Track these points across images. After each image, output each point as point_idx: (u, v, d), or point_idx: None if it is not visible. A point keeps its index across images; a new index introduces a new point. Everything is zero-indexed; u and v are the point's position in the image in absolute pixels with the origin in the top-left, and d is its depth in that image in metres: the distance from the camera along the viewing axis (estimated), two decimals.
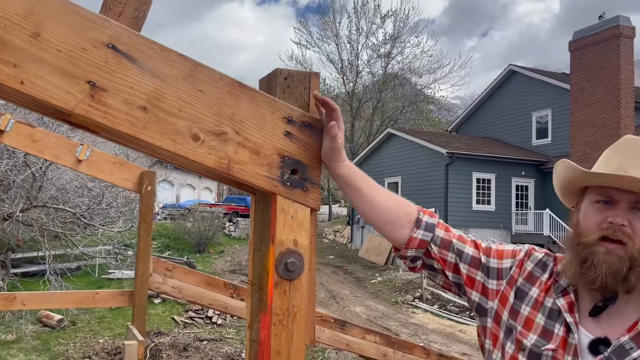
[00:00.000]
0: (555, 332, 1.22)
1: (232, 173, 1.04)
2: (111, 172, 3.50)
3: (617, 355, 1.14)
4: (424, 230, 1.37)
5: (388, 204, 1.37)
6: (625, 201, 1.18)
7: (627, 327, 1.16)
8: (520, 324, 1.27)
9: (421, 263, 1.41)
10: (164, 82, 0.98)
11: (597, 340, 1.16)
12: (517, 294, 1.31)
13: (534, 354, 1.22)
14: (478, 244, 1.40)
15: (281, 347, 1.07)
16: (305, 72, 1.17)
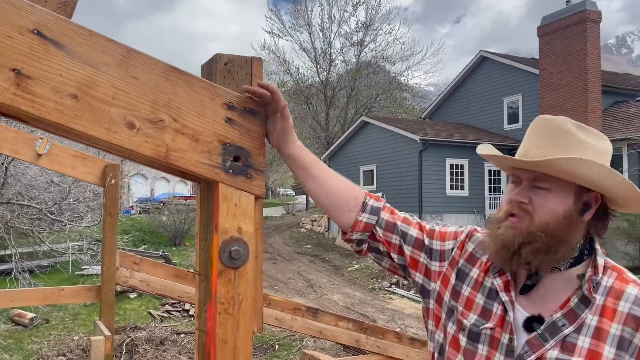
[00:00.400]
0: (494, 311, 1.24)
1: (171, 161, 1.02)
2: (73, 165, 3.42)
3: (550, 332, 1.16)
4: (369, 213, 1.39)
5: (338, 187, 1.39)
6: (526, 179, 1.22)
7: (559, 304, 1.18)
8: (462, 305, 1.29)
9: (367, 246, 1.42)
10: (95, 69, 0.95)
11: (531, 318, 1.18)
12: (458, 274, 1.33)
13: (473, 333, 1.24)
14: (422, 226, 1.42)
15: (227, 335, 1.06)
16: (247, 57, 1.15)
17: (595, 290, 1.16)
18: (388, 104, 32.83)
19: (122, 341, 8.83)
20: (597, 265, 1.19)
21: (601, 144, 1.23)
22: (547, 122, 1.24)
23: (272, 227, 27.89)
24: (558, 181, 1.19)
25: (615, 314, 1.13)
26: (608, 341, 1.11)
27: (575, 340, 1.13)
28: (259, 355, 8.43)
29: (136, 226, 21.69)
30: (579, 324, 1.14)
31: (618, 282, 1.17)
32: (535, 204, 1.20)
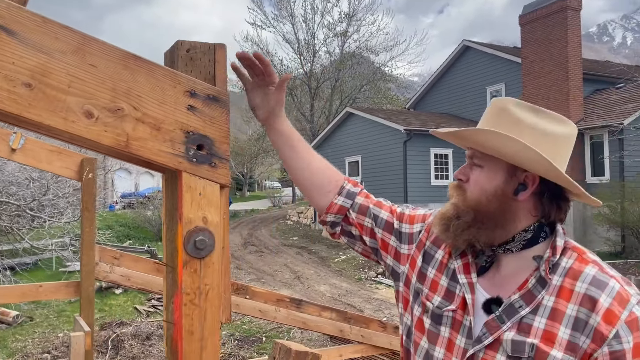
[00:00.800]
0: (457, 294, 1.24)
1: (132, 151, 1.00)
2: (49, 160, 3.37)
3: (507, 313, 1.15)
4: (344, 197, 1.41)
5: (322, 168, 1.42)
6: (467, 156, 1.25)
7: (518, 286, 1.18)
8: (427, 287, 1.30)
9: (340, 229, 1.44)
10: (50, 56, 0.92)
11: (490, 300, 1.18)
12: (425, 257, 1.33)
13: (435, 315, 1.25)
14: (393, 210, 1.43)
15: (194, 326, 1.04)
16: (210, 44, 1.13)
17: (553, 271, 1.15)
18: (372, 95, 32.85)
19: (108, 337, 8.78)
20: (556, 246, 1.18)
21: (554, 127, 1.20)
22: (494, 103, 1.24)
23: (258, 220, 27.84)
24: (490, 158, 1.19)
25: (572, 295, 1.12)
26: (563, 322, 1.10)
27: (531, 321, 1.13)
28: (246, 348, 8.44)
29: (120, 221, 21.52)
30: (535, 305, 1.13)
31: (577, 263, 1.16)
32: (470, 181, 1.22)
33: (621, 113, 15.91)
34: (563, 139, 1.20)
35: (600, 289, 1.11)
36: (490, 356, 1.14)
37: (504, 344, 1.13)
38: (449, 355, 1.21)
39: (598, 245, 15.35)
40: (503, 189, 1.18)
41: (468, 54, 22.97)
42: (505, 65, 20.89)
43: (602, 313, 1.08)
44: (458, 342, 1.20)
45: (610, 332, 1.06)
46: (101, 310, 10.71)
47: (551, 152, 1.16)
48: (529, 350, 1.10)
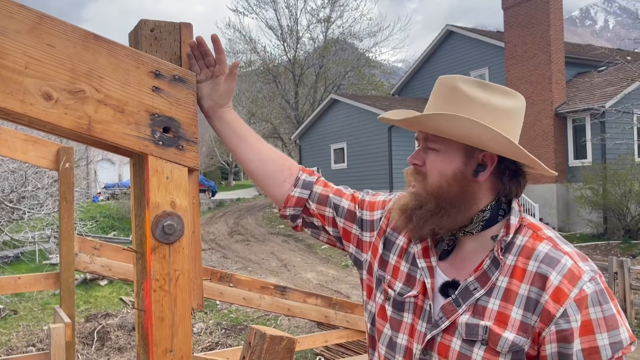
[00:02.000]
0: (417, 278, 1.22)
1: (95, 134, 0.97)
2: (24, 150, 3.29)
3: (463, 296, 1.13)
4: (301, 188, 1.37)
5: (272, 156, 1.37)
6: (421, 140, 1.20)
7: (474, 268, 1.15)
8: (389, 273, 1.27)
9: (302, 221, 1.41)
10: (4, 36, 0.88)
11: (447, 284, 1.16)
12: (386, 243, 1.31)
13: (397, 302, 1.23)
14: (355, 197, 1.40)
15: (164, 313, 1.02)
16: (175, 23, 1.09)
17: (508, 250, 1.12)
18: (357, 81, 32.76)
19: (94, 329, 8.73)
20: (510, 224, 1.14)
21: (504, 101, 1.15)
22: (440, 82, 1.20)
23: (244, 209, 27.76)
24: (445, 141, 1.15)
25: (525, 274, 1.09)
26: (516, 302, 1.07)
27: (486, 303, 1.10)
28: (233, 336, 8.44)
29: (104, 212, 21.32)
30: (489, 287, 1.11)
31: (531, 241, 1.12)
32: (427, 166, 1.17)
33: (603, 96, 16.06)
34: (514, 112, 1.17)
35: (552, 266, 1.07)
36: (447, 340, 1.13)
37: (459, 327, 1.11)
38: (410, 341, 1.19)
39: (581, 227, 15.57)
40: (462, 171, 1.14)
41: (452, 39, 22.97)
42: (488, 49, 20.93)
43: (551, 291, 1.05)
44: (419, 327, 1.18)
45: (557, 311, 1.04)
46: (86, 302, 10.63)
47: (505, 127, 1.13)
48: (482, 332, 1.08)
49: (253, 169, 1.37)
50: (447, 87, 1.17)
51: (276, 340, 1.15)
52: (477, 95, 1.14)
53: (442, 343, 1.13)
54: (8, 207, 9.52)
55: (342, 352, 6.57)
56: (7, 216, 10.20)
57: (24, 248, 12.30)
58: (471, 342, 1.09)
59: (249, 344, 1.18)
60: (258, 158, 1.35)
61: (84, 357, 7.58)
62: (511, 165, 1.16)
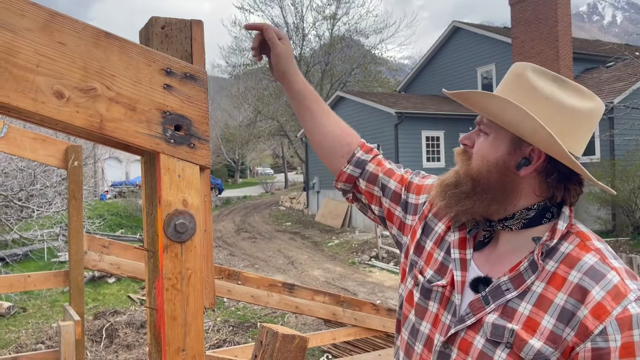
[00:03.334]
0: (450, 268, 1.19)
1: (107, 132, 0.96)
2: (33, 149, 3.31)
3: (493, 295, 1.09)
4: (353, 166, 1.39)
5: (335, 131, 1.39)
6: (477, 122, 1.17)
7: (510, 267, 1.10)
8: (423, 259, 1.25)
9: (352, 196, 1.43)
10: (15, 34, 0.88)
11: (479, 279, 1.13)
12: (424, 229, 1.29)
13: (425, 289, 1.21)
14: (404, 179, 1.39)
15: (176, 312, 1.02)
16: (186, 20, 1.09)
17: (550, 256, 1.07)
18: (363, 78, 32.70)
19: (102, 326, 8.77)
20: (556, 229, 1.08)
21: (575, 100, 1.08)
22: (513, 68, 1.15)
23: (251, 206, 27.81)
24: (496, 126, 1.11)
25: (564, 283, 1.03)
26: (549, 311, 1.02)
27: (516, 306, 1.06)
28: (240, 334, 8.46)
29: (112, 210, 21.42)
30: (523, 290, 1.07)
31: (577, 250, 1.07)
32: (474, 148, 1.15)
33: (611, 92, 15.94)
34: (582, 115, 1.08)
35: (595, 280, 1.01)
36: (471, 337, 1.10)
37: (485, 326, 1.08)
38: (433, 331, 1.17)
39: (589, 224, 15.47)
40: (505, 160, 1.10)
41: (458, 35, 22.87)
42: (495, 45, 20.83)
43: (592, 306, 0.99)
44: (443, 318, 1.15)
45: (596, 328, 0.98)
46: (95, 299, 10.69)
47: (566, 127, 1.06)
48: (508, 335, 1.04)
49: (315, 141, 1.41)
50: (515, 73, 1.12)
51: (288, 339, 1.14)
52: (543, 87, 1.08)
53: (464, 339, 1.10)
54: (17, 205, 9.58)
55: (350, 349, 6.57)
56: (16, 214, 10.27)
57: (33, 246, 12.38)
58: (495, 343, 1.06)
59: (260, 342, 1.18)
60: (320, 132, 1.39)
61: (92, 354, 7.62)
62: (563, 168, 1.09)
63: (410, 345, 1.22)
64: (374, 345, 6.17)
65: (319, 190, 23.19)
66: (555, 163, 1.09)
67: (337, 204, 21.17)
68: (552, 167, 1.09)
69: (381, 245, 14.39)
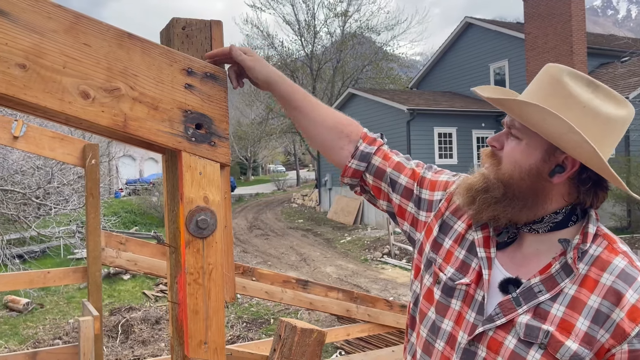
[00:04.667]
0: (472, 267, 1.18)
1: (130, 131, 0.99)
2: (51, 147, 3.36)
3: (525, 296, 1.09)
4: (358, 160, 1.36)
5: (328, 123, 1.36)
6: (506, 124, 1.14)
7: (539, 269, 1.11)
8: (442, 257, 1.24)
9: (360, 189, 1.41)
10: (43, 36, 0.91)
11: (508, 280, 1.13)
12: (442, 227, 1.28)
13: (447, 287, 1.20)
14: (416, 173, 1.36)
15: (198, 306, 1.05)
16: (206, 21, 1.11)
17: (580, 259, 1.09)
18: (374, 75, 32.60)
19: (118, 322, 8.88)
20: (587, 232, 1.10)
21: (608, 107, 1.07)
22: (547, 70, 1.13)
23: (263, 204, 27.91)
24: (530, 133, 1.09)
25: (597, 286, 1.06)
26: (583, 313, 1.05)
27: (549, 307, 1.07)
28: (254, 330, 8.51)
29: (126, 208, 21.63)
30: (556, 292, 1.08)
31: (606, 253, 1.09)
32: (504, 152, 1.13)
33: (626, 87, 15.74)
34: (616, 122, 1.08)
35: (628, 283, 1.04)
36: (501, 336, 1.10)
37: (517, 326, 1.08)
38: (457, 329, 1.16)
39: (604, 221, 15.31)
40: (539, 167, 1.09)
41: (471, 31, 22.72)
42: (508, 41, 20.66)
43: (627, 309, 1.02)
44: (468, 316, 1.15)
45: (633, 330, 1.01)
46: (110, 295, 10.82)
47: (599, 135, 1.06)
48: (542, 336, 1.05)
49: (312, 139, 1.37)
50: (552, 77, 1.10)
51: (307, 333, 1.16)
52: (581, 95, 1.07)
53: (493, 338, 1.11)
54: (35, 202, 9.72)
55: (363, 346, 6.59)
56: (34, 212, 10.42)
57: (50, 243, 12.56)
58: (528, 343, 1.07)
59: (279, 336, 1.20)
60: (314, 127, 1.35)
61: (109, 350, 7.72)
62: (593, 176, 1.10)
63: (429, 342, 1.22)
64: (387, 341, 6.18)
65: (331, 187, 23.21)
66: (589, 171, 1.09)
67: (349, 201, 21.18)
68: (586, 175, 1.10)
69: (393, 242, 14.37)
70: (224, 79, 1.09)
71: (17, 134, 3.21)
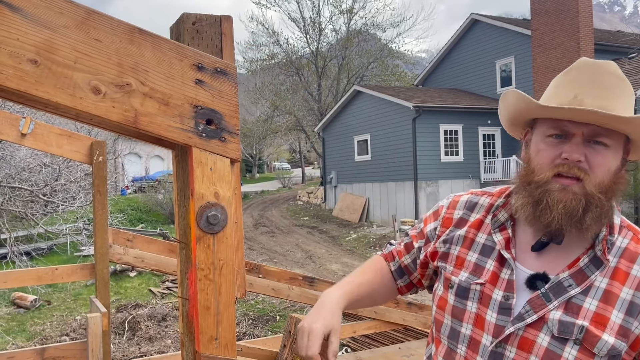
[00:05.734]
0: (487, 268, 1.17)
1: (141, 126, 0.99)
2: (59, 144, 3.37)
3: (554, 292, 1.08)
4: (400, 278, 1.40)
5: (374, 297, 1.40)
6: (580, 134, 1.08)
7: (567, 264, 1.10)
8: (451, 264, 1.23)
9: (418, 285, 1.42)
10: (54, 32, 0.91)
11: (535, 276, 1.11)
12: (445, 241, 1.27)
13: (461, 289, 1.18)
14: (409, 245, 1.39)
15: (209, 301, 1.04)
16: (216, 16, 1.10)
17: (609, 251, 1.08)
18: (380, 72, 32.54)
19: (125, 319, 8.91)
20: (614, 224, 1.11)
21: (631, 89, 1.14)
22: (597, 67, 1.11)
23: (269, 201, 27.94)
24: (616, 136, 1.08)
25: (628, 278, 1.06)
26: (617, 305, 1.04)
27: (581, 302, 1.06)
28: (260, 327, 8.53)
29: (132, 205, 21.71)
30: (586, 286, 1.07)
31: (633, 244, 1.10)
32: (592, 162, 1.07)
33: (634, 83, 15.64)
34: None
35: None
36: (532, 335, 1.07)
37: (550, 323, 1.06)
38: (477, 332, 1.14)
39: None
40: (620, 165, 1.11)
41: (476, 28, 22.62)
42: (514, 38, 20.56)
43: None
44: (488, 317, 1.13)
45: None
46: (117, 293, 10.86)
47: None
48: (577, 332, 1.04)
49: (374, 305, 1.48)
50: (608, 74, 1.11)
51: None
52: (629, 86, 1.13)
53: (524, 337, 1.08)
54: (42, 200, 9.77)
55: (369, 343, 6.58)
56: (42, 209, 10.47)
57: (57, 240, 12.61)
58: (563, 340, 1.05)
59: (289, 332, 1.20)
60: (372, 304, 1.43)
61: (116, 346, 7.75)
62: None
63: (451, 349, 1.20)
64: (393, 338, 6.17)
65: (336, 184, 23.20)
66: None
67: (354, 199, 21.17)
68: None
69: None
70: (234, 75, 1.08)
71: (25, 131, 3.22)
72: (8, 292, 10.14)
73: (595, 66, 1.11)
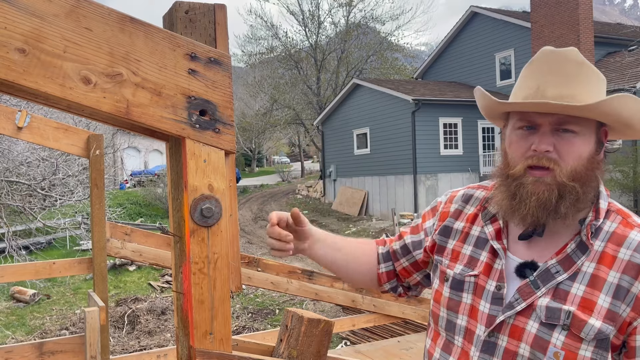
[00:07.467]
0: (480, 260, 1.18)
1: (133, 117, 0.97)
2: (55, 138, 3.35)
3: (542, 279, 1.09)
4: (384, 262, 1.40)
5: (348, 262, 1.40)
6: (547, 124, 1.09)
7: (556, 251, 1.11)
8: (447, 257, 1.25)
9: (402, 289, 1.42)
10: (43, 20, 0.88)
11: (524, 264, 1.12)
12: (441, 233, 1.29)
13: (456, 281, 1.20)
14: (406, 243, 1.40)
15: (204, 295, 1.03)
16: (209, 5, 1.08)
17: (595, 235, 1.09)
18: (379, 65, 32.45)
19: (124, 313, 8.92)
20: (599, 209, 1.11)
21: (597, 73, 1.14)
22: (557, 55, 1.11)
23: (268, 195, 27.92)
24: (584, 122, 1.08)
25: (615, 262, 1.06)
26: (604, 289, 1.04)
27: (568, 287, 1.07)
28: (259, 320, 8.54)
29: (131, 199, 21.69)
30: (573, 271, 1.07)
31: (621, 227, 1.09)
32: (561, 151, 1.08)
33: (634, 76, 15.61)
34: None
35: None
36: (522, 322, 1.09)
37: (538, 310, 1.07)
38: (472, 322, 1.15)
39: None
40: (593, 150, 1.11)
41: (476, 21, 22.53)
42: (514, 30, 20.48)
43: None
44: (482, 308, 1.14)
45: None
46: (116, 287, 10.87)
47: None
48: (564, 317, 1.05)
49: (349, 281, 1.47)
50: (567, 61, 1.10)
51: (314, 323, 1.15)
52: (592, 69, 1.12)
53: (515, 325, 1.09)
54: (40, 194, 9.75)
55: (368, 336, 6.59)
56: (40, 203, 10.46)
57: (56, 234, 12.61)
58: (551, 325, 1.06)
59: (286, 326, 1.18)
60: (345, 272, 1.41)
61: (115, 340, 7.76)
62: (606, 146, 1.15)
63: (449, 341, 1.21)
64: (392, 332, 6.18)
65: (336, 178, 23.18)
66: None
67: (353, 192, 21.16)
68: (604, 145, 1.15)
69: None
70: (228, 65, 1.06)
71: (21, 124, 3.19)
72: (7, 287, 10.14)
73: (554, 55, 1.12)
